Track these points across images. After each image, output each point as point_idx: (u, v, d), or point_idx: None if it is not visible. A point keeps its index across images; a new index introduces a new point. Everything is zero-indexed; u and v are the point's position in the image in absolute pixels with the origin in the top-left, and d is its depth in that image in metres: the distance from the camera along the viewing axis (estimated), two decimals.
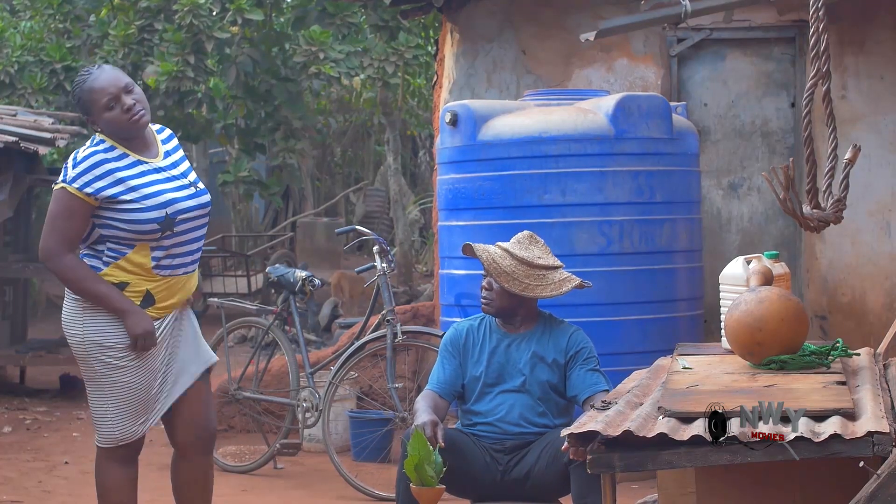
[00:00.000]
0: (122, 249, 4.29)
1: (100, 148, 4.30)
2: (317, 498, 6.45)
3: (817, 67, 4.07)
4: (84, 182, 4.22)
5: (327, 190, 20.70)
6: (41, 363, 9.52)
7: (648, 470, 3.28)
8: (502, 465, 4.52)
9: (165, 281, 4.35)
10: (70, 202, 4.23)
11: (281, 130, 13.00)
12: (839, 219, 4.15)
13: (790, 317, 3.95)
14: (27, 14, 13.63)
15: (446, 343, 4.74)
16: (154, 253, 4.30)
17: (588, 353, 4.61)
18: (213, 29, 11.78)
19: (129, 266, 4.30)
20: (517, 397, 4.58)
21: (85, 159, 4.26)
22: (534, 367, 4.59)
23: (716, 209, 7.61)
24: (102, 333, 4.30)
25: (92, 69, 4.38)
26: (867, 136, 7.19)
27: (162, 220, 4.26)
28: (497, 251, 4.65)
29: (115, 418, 4.35)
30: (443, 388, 4.63)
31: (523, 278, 4.59)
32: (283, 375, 7.55)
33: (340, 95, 17.49)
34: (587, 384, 4.54)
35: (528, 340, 4.65)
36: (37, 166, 9.62)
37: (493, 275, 4.59)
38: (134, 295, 4.31)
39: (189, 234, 4.37)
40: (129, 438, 4.38)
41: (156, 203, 4.27)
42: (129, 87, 4.32)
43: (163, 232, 4.28)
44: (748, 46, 7.61)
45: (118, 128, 4.30)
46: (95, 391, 4.37)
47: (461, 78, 7.72)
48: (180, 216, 4.31)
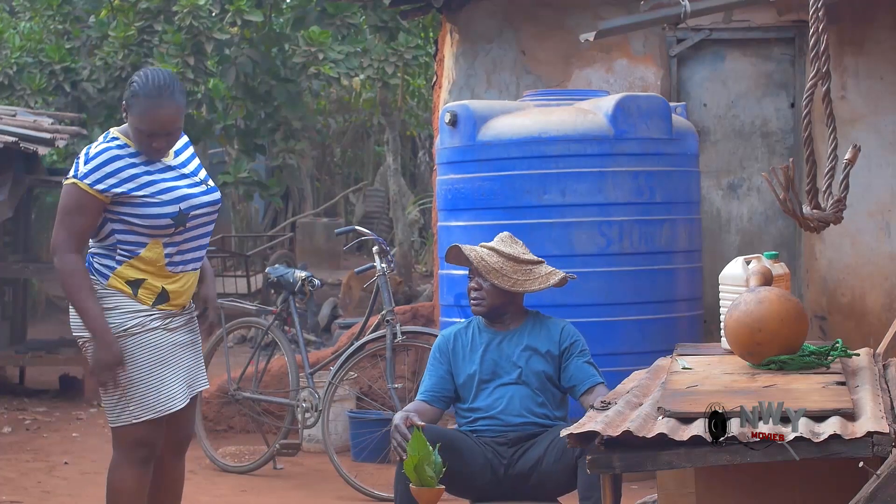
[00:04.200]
0: (134, 249, 4.28)
1: (112, 144, 4.29)
2: (316, 498, 6.45)
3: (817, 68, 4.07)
4: (95, 179, 4.20)
5: (327, 190, 20.69)
6: (41, 363, 9.53)
7: (648, 470, 3.28)
8: (506, 458, 4.51)
9: (177, 277, 4.35)
10: (81, 198, 4.21)
11: (280, 131, 13.00)
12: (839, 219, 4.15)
13: (790, 317, 3.95)
14: (26, 15, 13.62)
15: (434, 351, 4.76)
16: (167, 249, 4.30)
17: (582, 345, 4.66)
18: (213, 30, 11.77)
19: (142, 264, 4.28)
20: (516, 389, 4.59)
21: (98, 155, 4.24)
22: (528, 359, 4.61)
23: (715, 209, 7.61)
24: (121, 318, 4.26)
25: (168, 81, 4.25)
26: (867, 137, 7.19)
27: (175, 215, 4.26)
28: (483, 250, 4.69)
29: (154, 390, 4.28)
30: (429, 396, 4.65)
31: (511, 274, 4.63)
32: (282, 376, 7.55)
33: (340, 96, 17.48)
34: (586, 376, 4.58)
35: (519, 335, 4.67)
36: (36, 167, 9.62)
37: (483, 273, 4.62)
38: (149, 293, 4.29)
39: (199, 230, 4.38)
40: (167, 409, 4.30)
41: (170, 198, 4.27)
42: (176, 130, 4.29)
43: (176, 227, 4.27)
44: (748, 47, 7.61)
45: (138, 143, 4.29)
46: (131, 370, 4.27)
47: (461, 78, 7.73)
48: (193, 212, 4.31)
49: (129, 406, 4.29)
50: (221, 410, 7.72)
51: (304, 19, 12.52)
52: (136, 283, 4.28)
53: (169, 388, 4.32)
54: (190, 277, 4.40)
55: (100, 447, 7.47)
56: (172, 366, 4.35)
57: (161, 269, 4.31)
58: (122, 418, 4.31)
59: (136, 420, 4.29)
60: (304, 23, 12.49)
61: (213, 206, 4.40)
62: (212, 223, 4.45)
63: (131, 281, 4.28)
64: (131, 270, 4.28)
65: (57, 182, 9.97)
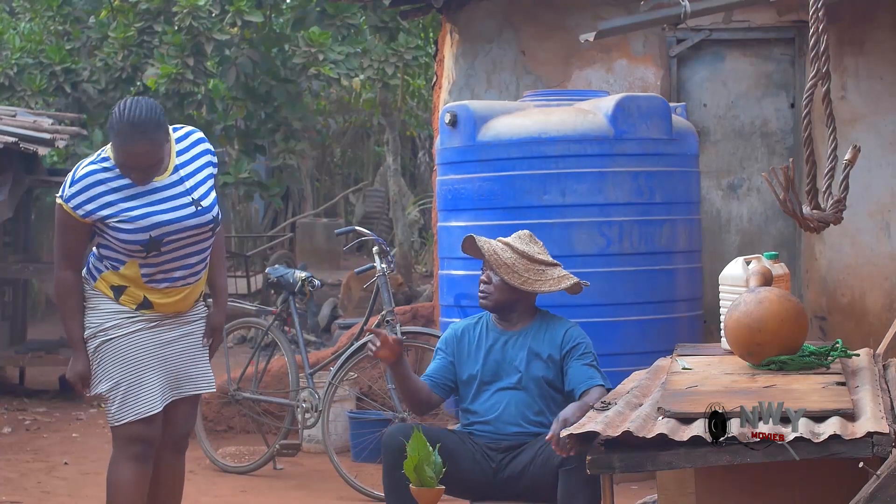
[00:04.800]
0: (115, 264, 4.39)
1: (99, 167, 4.32)
2: (316, 498, 6.45)
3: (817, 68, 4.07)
4: (77, 203, 4.30)
5: (327, 191, 20.70)
6: (41, 364, 9.53)
7: (648, 471, 3.28)
8: (495, 462, 4.51)
9: (165, 291, 4.42)
10: (65, 218, 4.36)
11: (281, 131, 12.99)
12: (839, 219, 4.15)
13: (790, 317, 3.96)
14: (26, 16, 13.62)
15: (441, 341, 4.77)
16: (143, 270, 4.37)
17: (585, 348, 4.59)
18: (213, 30, 11.77)
19: (124, 277, 4.40)
20: (514, 395, 4.58)
21: (81, 179, 4.30)
22: (529, 364, 4.59)
23: (715, 210, 7.61)
24: (99, 319, 4.41)
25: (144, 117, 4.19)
26: (867, 137, 7.19)
27: (146, 242, 4.31)
28: (498, 244, 4.67)
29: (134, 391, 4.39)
30: (430, 381, 4.65)
31: (523, 272, 4.60)
32: (282, 376, 7.55)
33: (340, 96, 17.48)
34: (584, 378, 4.51)
35: (524, 337, 4.65)
36: (36, 167, 9.62)
37: (494, 266, 4.60)
38: (131, 299, 4.41)
39: (184, 251, 4.39)
40: (144, 413, 4.39)
41: (141, 226, 4.30)
42: (151, 165, 4.26)
43: (148, 252, 4.33)
44: (748, 47, 7.61)
45: (121, 168, 4.30)
46: (110, 371, 4.40)
47: (461, 78, 7.73)
48: (170, 237, 4.33)
49: (111, 408, 4.44)
50: (221, 411, 7.72)
51: (304, 20, 12.51)
52: (118, 290, 4.42)
53: (146, 391, 4.41)
54: (181, 292, 4.45)
55: (100, 447, 7.47)
56: (151, 368, 4.43)
57: (140, 285, 4.40)
58: (111, 418, 4.46)
59: (118, 423, 4.42)
60: (304, 23, 12.49)
61: (199, 229, 4.38)
62: (203, 241, 4.44)
63: (115, 286, 4.42)
64: (115, 278, 4.41)
65: (57, 182, 9.99)
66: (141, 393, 4.40)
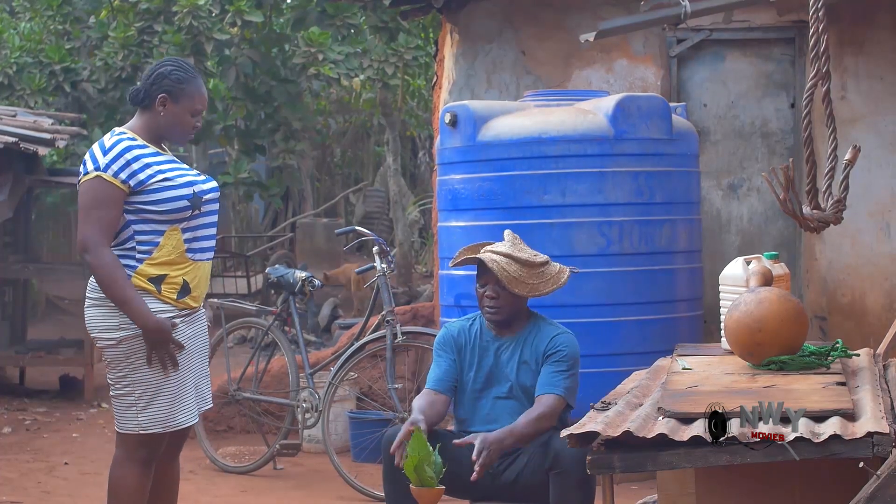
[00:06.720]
0: (153, 239, 4.28)
1: (123, 137, 4.33)
2: (316, 498, 6.45)
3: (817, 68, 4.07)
4: (118, 168, 4.24)
5: (327, 191, 20.70)
6: (41, 364, 9.54)
7: (648, 471, 3.28)
8: (492, 468, 4.48)
9: (196, 267, 4.37)
10: (105, 190, 4.23)
11: (281, 131, 13.01)
12: (839, 219, 4.15)
13: (790, 317, 3.96)
14: (26, 15, 13.64)
15: (439, 342, 4.71)
16: (185, 234, 4.33)
17: (563, 356, 4.51)
18: (213, 30, 11.78)
19: (163, 257, 4.29)
20: (505, 404, 4.57)
21: (114, 146, 4.28)
22: (519, 373, 4.57)
23: (715, 210, 7.61)
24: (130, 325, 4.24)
25: (193, 72, 4.49)
26: (867, 137, 7.19)
27: (191, 197, 4.31)
28: (501, 259, 4.58)
29: (169, 400, 4.29)
30: (439, 384, 4.61)
31: (528, 280, 4.56)
32: (282, 376, 7.55)
33: (340, 96, 17.48)
34: (545, 383, 4.46)
35: (516, 344, 4.62)
36: (36, 167, 9.62)
37: (505, 283, 4.52)
38: (172, 287, 4.30)
39: (209, 217, 4.44)
40: (177, 426, 4.32)
41: (183, 182, 4.33)
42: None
43: (192, 210, 4.32)
44: (748, 47, 7.61)
45: (178, 127, 4.40)
46: (147, 375, 4.27)
47: (461, 79, 7.73)
48: (204, 196, 4.38)
49: (139, 416, 4.29)
50: (221, 411, 7.72)
51: (304, 20, 12.53)
52: (158, 280, 4.29)
53: (181, 403, 4.33)
54: (203, 268, 4.42)
55: (100, 447, 7.48)
56: (186, 378, 4.35)
57: (181, 257, 4.31)
58: (129, 426, 4.32)
59: (144, 431, 4.30)
60: (304, 23, 12.50)
61: (215, 194, 4.48)
62: (217, 213, 4.51)
63: (153, 277, 4.28)
64: (152, 268, 4.28)
65: (57, 182, 9.99)
66: (175, 402, 4.30)
